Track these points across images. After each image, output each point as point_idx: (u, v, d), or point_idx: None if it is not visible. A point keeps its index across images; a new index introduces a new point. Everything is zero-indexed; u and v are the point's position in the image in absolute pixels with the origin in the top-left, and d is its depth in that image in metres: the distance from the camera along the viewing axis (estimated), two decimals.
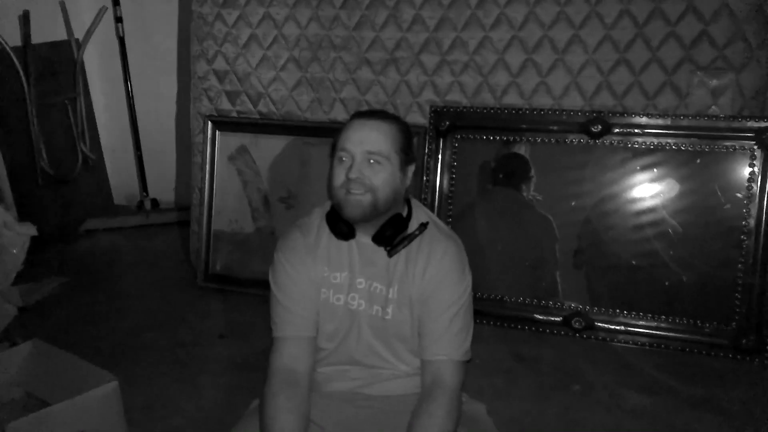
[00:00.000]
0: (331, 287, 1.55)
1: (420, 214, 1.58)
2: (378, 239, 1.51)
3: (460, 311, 1.51)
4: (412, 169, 1.54)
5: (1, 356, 2.19)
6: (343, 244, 1.54)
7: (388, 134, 1.46)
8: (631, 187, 2.64)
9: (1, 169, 3.53)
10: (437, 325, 1.50)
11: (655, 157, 2.60)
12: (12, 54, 3.55)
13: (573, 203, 2.71)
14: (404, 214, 1.55)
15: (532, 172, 2.75)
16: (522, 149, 2.77)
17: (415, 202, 1.61)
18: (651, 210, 2.62)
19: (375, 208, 1.46)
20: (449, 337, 1.50)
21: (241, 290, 3.10)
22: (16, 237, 2.58)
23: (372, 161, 1.44)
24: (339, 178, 1.46)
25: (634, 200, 2.64)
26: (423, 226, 1.53)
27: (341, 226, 1.51)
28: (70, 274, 3.35)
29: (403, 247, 1.51)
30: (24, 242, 2.62)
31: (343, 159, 1.46)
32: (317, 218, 1.59)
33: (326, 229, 1.55)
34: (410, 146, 1.53)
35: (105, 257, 3.72)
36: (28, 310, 2.92)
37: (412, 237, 1.52)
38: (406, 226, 1.53)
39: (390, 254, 1.51)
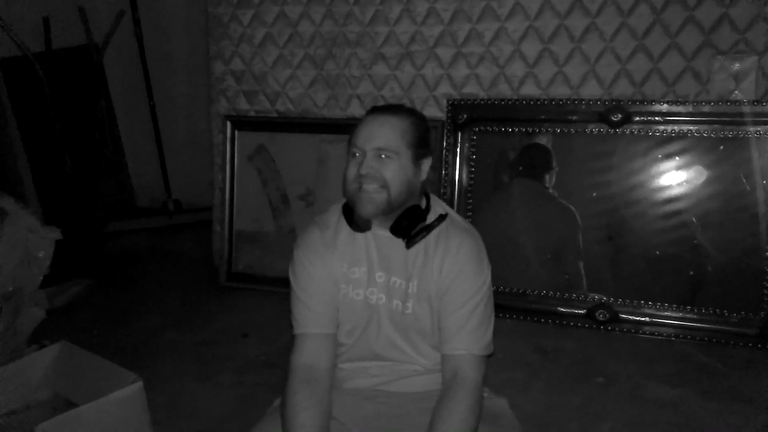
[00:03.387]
0: (350, 282, 1.54)
1: (438, 207, 1.57)
2: (395, 230, 1.50)
3: (480, 304, 1.50)
4: (428, 162, 1.52)
5: (30, 359, 2.22)
6: (361, 238, 1.54)
7: (397, 129, 1.45)
8: (654, 176, 2.60)
9: (25, 174, 3.59)
10: (456, 319, 1.49)
11: (676, 144, 2.56)
12: (34, 60, 3.60)
13: (594, 194, 2.67)
14: (422, 206, 1.54)
15: (554, 163, 2.72)
16: (543, 140, 2.74)
17: (433, 197, 1.59)
18: (675, 199, 2.57)
19: (388, 203, 1.45)
20: (468, 331, 1.49)
21: (263, 288, 3.12)
22: (41, 241, 2.61)
23: (383, 156, 1.44)
24: (351, 172, 1.46)
25: (657, 189, 2.60)
26: (441, 218, 1.52)
27: (357, 218, 1.50)
28: (95, 276, 3.39)
29: (422, 238, 1.49)
30: (49, 246, 2.64)
31: (356, 154, 1.47)
32: (335, 214, 1.58)
33: (344, 225, 1.54)
34: (425, 139, 1.51)
35: (129, 258, 3.77)
36: (55, 312, 2.96)
37: (430, 228, 1.50)
38: (424, 218, 1.51)
39: (408, 246, 1.50)
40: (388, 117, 1.47)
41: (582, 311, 2.66)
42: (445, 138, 2.86)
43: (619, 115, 2.59)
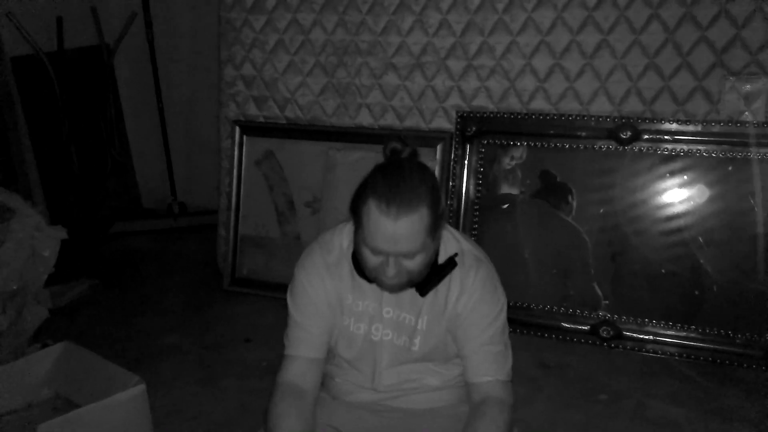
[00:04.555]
0: (352, 315, 1.51)
1: (448, 242, 1.49)
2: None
3: (497, 332, 1.48)
4: (444, 224, 1.43)
5: (33, 357, 2.22)
6: None
7: (418, 227, 1.30)
8: (660, 194, 2.60)
9: (33, 173, 3.60)
10: (478, 347, 1.46)
11: (685, 163, 2.56)
12: (45, 59, 3.62)
13: (601, 210, 2.67)
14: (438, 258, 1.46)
15: (572, 199, 2.71)
16: (551, 159, 2.73)
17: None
18: (679, 216, 2.57)
19: (411, 284, 1.41)
20: (492, 358, 1.47)
21: (267, 294, 3.12)
22: (47, 240, 2.61)
23: (407, 257, 1.35)
24: (371, 262, 1.37)
25: (663, 207, 2.59)
26: (452, 262, 1.45)
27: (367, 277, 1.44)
28: (99, 277, 3.40)
29: (434, 286, 1.44)
30: (55, 245, 2.65)
31: (375, 253, 1.36)
32: (340, 238, 1.52)
33: (350, 255, 1.48)
34: (441, 212, 1.36)
35: (133, 260, 3.77)
36: (59, 311, 2.97)
37: (442, 275, 1.44)
38: (439, 270, 1.45)
39: (423, 294, 1.45)
40: (408, 216, 1.28)
41: (586, 327, 2.66)
42: (453, 150, 2.86)
43: (629, 133, 2.60)
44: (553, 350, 2.63)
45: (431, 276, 1.43)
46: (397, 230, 1.28)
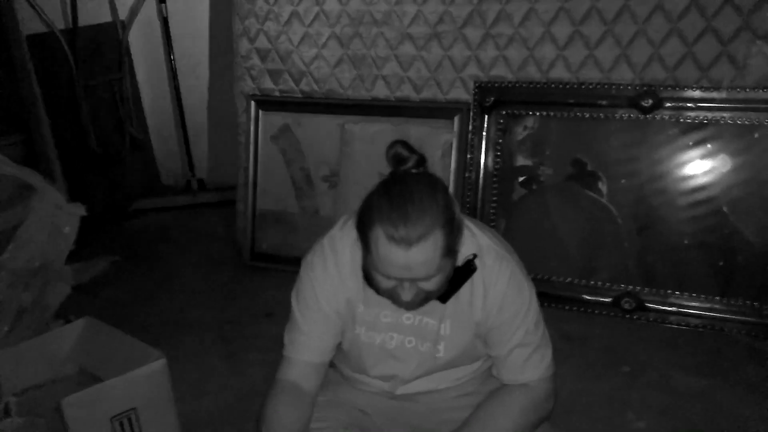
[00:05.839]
0: (363, 324, 1.44)
1: (465, 241, 1.36)
2: None
3: (530, 328, 1.40)
4: (460, 238, 1.31)
5: (56, 333, 2.24)
6: None
7: (434, 253, 1.21)
8: (683, 163, 2.54)
9: (51, 151, 3.60)
10: (510, 350, 1.40)
11: (709, 131, 2.49)
12: (61, 37, 3.61)
13: (623, 181, 2.63)
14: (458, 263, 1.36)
15: (602, 184, 2.66)
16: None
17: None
18: (705, 187, 2.52)
19: (429, 300, 1.33)
20: (524, 358, 1.40)
21: (287, 269, 3.11)
22: (66, 217, 2.63)
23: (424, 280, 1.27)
24: (383, 284, 1.29)
25: (687, 177, 2.54)
26: (471, 265, 1.36)
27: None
28: (120, 253, 3.42)
29: (453, 293, 1.36)
30: (75, 222, 2.66)
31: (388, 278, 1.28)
32: (348, 239, 1.40)
33: (359, 258, 1.37)
34: (453, 219, 1.25)
35: (153, 236, 3.79)
36: (80, 288, 2.99)
37: (461, 282, 1.36)
38: (458, 277, 1.35)
39: (444, 302, 1.36)
40: (421, 244, 1.19)
41: (608, 299, 2.63)
42: (471, 121, 2.82)
43: (651, 101, 2.54)
44: (576, 322, 2.61)
45: (450, 283, 1.33)
46: (410, 259, 1.19)
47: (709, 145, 2.50)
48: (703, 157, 2.52)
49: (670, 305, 2.55)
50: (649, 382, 2.20)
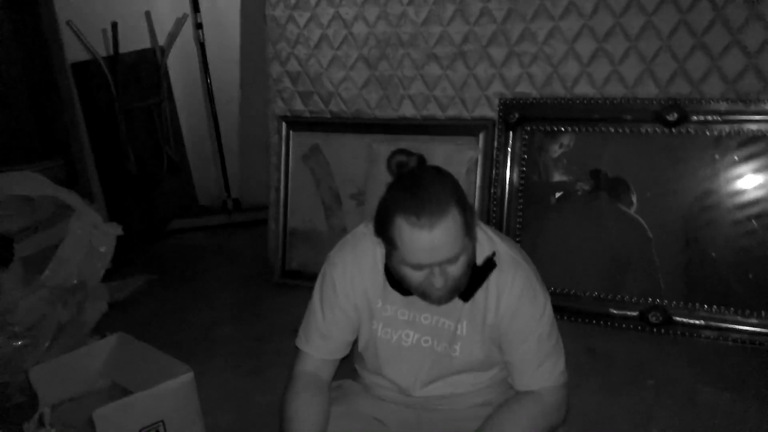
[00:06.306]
0: (381, 320, 1.48)
1: (483, 243, 1.43)
2: None
3: (543, 335, 1.42)
4: (476, 220, 1.38)
5: (90, 348, 2.33)
6: None
7: (455, 229, 1.26)
8: (710, 176, 2.52)
9: (92, 173, 3.75)
10: (523, 354, 1.43)
11: (735, 143, 2.48)
12: (103, 64, 3.75)
13: (648, 194, 2.62)
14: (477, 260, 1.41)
15: (631, 192, 2.65)
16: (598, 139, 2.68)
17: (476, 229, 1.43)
18: (740, 200, 2.49)
19: (457, 291, 1.37)
20: (537, 365, 1.43)
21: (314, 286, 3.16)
22: (103, 237, 2.73)
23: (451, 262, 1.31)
24: (415, 279, 1.33)
25: (713, 190, 2.52)
26: (491, 262, 1.41)
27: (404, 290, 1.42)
28: (156, 272, 3.52)
29: (477, 288, 1.41)
30: (111, 241, 2.76)
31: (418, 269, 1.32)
32: (370, 240, 1.44)
33: (380, 257, 1.44)
34: (465, 198, 1.32)
35: (188, 255, 3.88)
36: (118, 305, 3.09)
37: (483, 277, 1.41)
38: (479, 273, 1.41)
39: (466, 300, 1.42)
40: (442, 222, 1.24)
41: (635, 313, 2.61)
42: (496, 138, 2.85)
43: (676, 115, 2.53)
44: (601, 337, 2.59)
45: (471, 279, 1.38)
46: (435, 239, 1.24)
47: (736, 158, 2.48)
48: (731, 169, 2.49)
49: (698, 318, 2.51)
50: (674, 397, 2.18)
